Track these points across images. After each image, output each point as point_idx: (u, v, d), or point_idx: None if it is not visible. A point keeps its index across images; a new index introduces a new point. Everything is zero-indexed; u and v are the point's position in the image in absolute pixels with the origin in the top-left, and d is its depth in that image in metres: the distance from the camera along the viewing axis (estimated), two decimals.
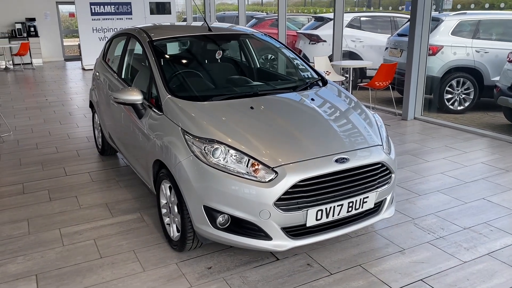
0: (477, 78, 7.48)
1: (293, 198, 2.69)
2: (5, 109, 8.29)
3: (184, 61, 4.17)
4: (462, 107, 7.61)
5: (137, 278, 2.90)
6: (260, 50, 4.64)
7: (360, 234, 3.42)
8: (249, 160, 2.75)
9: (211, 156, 2.78)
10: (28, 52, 14.79)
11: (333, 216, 2.83)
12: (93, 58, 13.43)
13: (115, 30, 14.12)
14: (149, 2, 14.51)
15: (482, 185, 4.32)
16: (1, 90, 10.35)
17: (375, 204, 3.05)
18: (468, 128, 6.25)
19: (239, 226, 2.77)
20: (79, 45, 14.58)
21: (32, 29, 15.65)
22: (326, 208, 2.77)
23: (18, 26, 15.51)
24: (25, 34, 15.52)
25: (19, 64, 14.85)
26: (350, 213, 2.90)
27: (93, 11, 13.83)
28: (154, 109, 3.39)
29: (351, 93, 7.34)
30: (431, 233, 3.41)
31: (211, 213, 2.78)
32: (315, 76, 4.02)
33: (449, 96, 7.56)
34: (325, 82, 3.91)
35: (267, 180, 2.67)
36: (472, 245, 3.24)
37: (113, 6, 14.07)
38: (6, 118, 7.48)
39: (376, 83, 7.05)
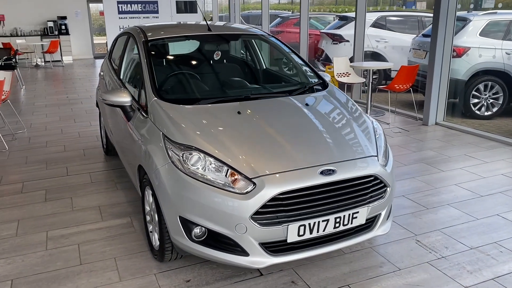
0: (506, 82, 7.02)
1: (272, 212, 2.50)
2: (26, 106, 8.44)
3: (177, 62, 4.04)
4: (489, 113, 7.17)
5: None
6: (262, 51, 4.46)
7: (355, 250, 3.19)
8: (228, 169, 2.58)
9: (189, 164, 2.63)
10: (58, 49, 15.12)
11: (317, 232, 2.62)
12: None
13: None
14: (176, 1, 14.53)
15: (499, 199, 3.99)
16: (28, 87, 10.58)
17: (367, 219, 2.82)
18: (493, 136, 5.85)
19: (215, 239, 2.61)
20: (106, 43, 14.78)
21: (63, 27, 16.01)
22: (309, 224, 2.57)
23: (50, 24, 15.89)
24: (56, 32, 15.89)
25: (49, 61, 15.20)
26: (337, 229, 2.68)
27: (120, 9, 13.95)
28: (142, 112, 3.27)
29: (370, 96, 7.05)
30: (433, 252, 3.15)
31: (187, 225, 2.62)
32: (316, 79, 3.80)
33: (476, 100, 7.13)
34: (326, 86, 3.68)
35: (244, 192, 2.49)
36: (476, 268, 2.95)
37: (140, 5, 14.15)
38: (25, 115, 7.60)
39: (396, 85, 6.72)
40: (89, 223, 3.65)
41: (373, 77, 9.32)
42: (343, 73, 7.73)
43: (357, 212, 2.71)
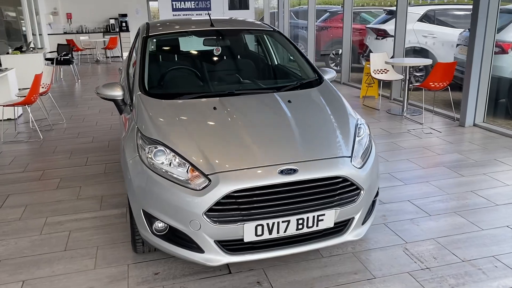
0: None
1: (227, 210, 2.46)
2: (75, 98, 8.97)
3: (173, 57, 4.07)
4: None
5: (84, 275, 2.89)
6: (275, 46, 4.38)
7: (335, 254, 3.06)
8: (189, 166, 2.58)
9: (154, 158, 2.65)
10: (117, 45, 15.89)
11: (278, 233, 2.54)
12: None
13: None
14: None
15: None
16: (83, 81, 11.23)
17: (338, 223, 2.69)
18: None
19: (174, 235, 2.62)
20: None
21: (123, 24, 16.80)
22: (267, 224, 2.50)
23: (112, 21, 16.73)
24: (117, 29, 16.71)
25: (109, 57, 16.02)
26: (301, 231, 2.58)
27: (174, 6, 14.37)
28: (130, 106, 3.35)
29: (407, 95, 6.72)
30: (418, 262, 2.93)
31: (150, 218, 2.65)
32: (313, 75, 3.67)
33: None
34: (320, 82, 3.55)
35: (199, 188, 2.48)
36: (460, 283, 2.71)
37: (193, 2, 14.48)
38: (70, 107, 8.08)
39: (431, 83, 6.33)
40: (87, 211, 3.81)
41: (419, 74, 8.86)
42: (381, 69, 7.42)
43: (323, 214, 2.59)
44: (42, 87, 6.74)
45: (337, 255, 3.05)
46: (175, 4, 14.33)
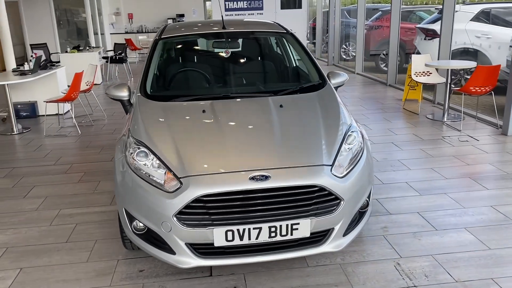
0: None
1: (196, 214, 2.48)
2: None
3: (178, 59, 4.14)
4: None
5: (75, 267, 3.04)
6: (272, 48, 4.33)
7: (322, 264, 2.97)
8: (166, 168, 2.62)
9: (136, 159, 2.73)
10: None
11: (249, 239, 2.51)
12: None
13: None
14: None
15: None
16: (135, 79, 11.73)
17: (315, 233, 2.61)
18: None
19: (151, 235, 2.67)
20: None
21: None
22: (238, 230, 2.48)
23: (170, 21, 17.30)
24: None
25: None
26: (274, 239, 2.54)
27: (227, 6, 14.59)
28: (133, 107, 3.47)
29: (448, 99, 6.36)
30: (407, 279, 2.78)
31: (131, 217, 2.73)
32: (317, 79, 3.59)
33: None
34: (322, 86, 3.46)
35: (171, 190, 2.51)
36: None
37: (246, 2, 14.61)
38: (115, 104, 8.46)
39: (472, 88, 5.93)
40: (98, 205, 3.99)
41: (466, 77, 8.34)
42: (422, 72, 7.07)
43: (298, 223, 2.53)
44: (86, 85, 7.13)
45: (324, 265, 2.96)
46: (228, 4, 14.54)
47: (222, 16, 4.29)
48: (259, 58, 4.21)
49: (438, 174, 4.43)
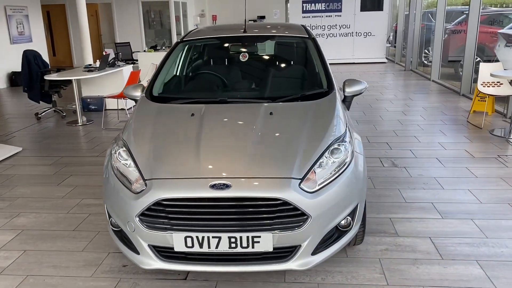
0: None
1: (157, 217, 2.50)
2: None
3: (189, 62, 4.16)
4: None
5: (70, 255, 3.23)
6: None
7: (300, 281, 2.83)
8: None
9: (117, 158, 2.82)
10: None
11: (209, 248, 2.48)
12: None
13: (323, 27, 14.48)
14: None
15: None
16: None
17: (281, 248, 2.50)
18: None
19: (122, 233, 2.75)
20: None
21: None
22: (197, 237, 2.46)
23: (251, 23, 17.61)
24: None
25: None
26: (235, 250, 2.48)
27: (304, 8, 14.49)
28: None
29: None
30: None
31: (108, 214, 2.84)
32: (325, 86, 3.42)
33: None
34: (326, 95, 3.29)
35: (137, 192, 2.56)
36: None
37: (324, 4, 14.39)
38: None
39: None
40: None
41: None
42: (490, 82, 6.42)
43: (259, 236, 2.44)
44: (147, 82, 7.52)
45: (301, 283, 2.82)
46: (306, 6, 14.44)
47: (245, 20, 4.27)
48: (271, 63, 4.12)
49: (473, 197, 3.99)
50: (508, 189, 4.16)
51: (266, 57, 4.25)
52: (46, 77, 6.98)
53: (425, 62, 13.08)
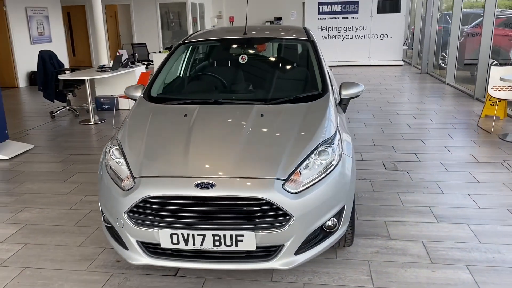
0: None
1: (144, 214, 2.57)
2: None
3: (188, 63, 4.23)
4: None
5: (67, 249, 3.33)
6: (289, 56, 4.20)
7: (287, 280, 2.87)
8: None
9: (110, 156, 2.91)
10: (264, 48, 16.70)
11: (194, 245, 2.54)
12: None
13: (339, 29, 14.43)
14: (378, 0, 14.11)
15: None
16: None
17: (264, 247, 2.54)
18: None
19: (113, 229, 2.83)
20: None
21: None
22: (182, 234, 2.52)
23: (267, 24, 17.66)
24: None
25: None
26: (219, 248, 2.53)
27: (320, 10, 14.47)
28: None
29: None
30: None
31: (101, 209, 2.93)
32: (319, 89, 3.44)
33: None
34: (320, 97, 3.32)
35: (126, 189, 2.64)
36: None
37: (340, 6, 14.34)
38: None
39: None
40: None
41: None
42: (502, 86, 6.32)
43: (242, 235, 2.49)
44: None
45: (287, 282, 2.86)
46: (322, 8, 14.42)
47: (246, 21, 4.32)
48: (268, 65, 4.15)
49: (472, 202, 3.95)
50: (509, 195, 4.10)
51: (264, 59, 4.29)
52: (60, 77, 7.17)
53: (442, 65, 12.91)
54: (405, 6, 14.25)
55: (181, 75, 4.02)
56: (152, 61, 11.46)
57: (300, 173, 2.63)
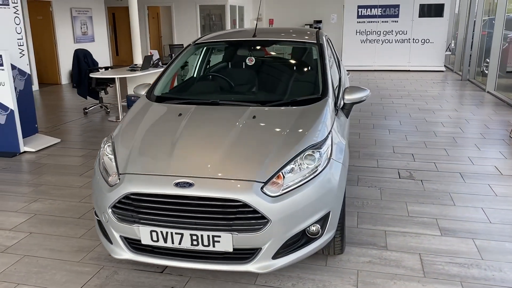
0: None
1: (126, 210, 2.63)
2: None
3: (203, 64, 4.26)
4: None
5: (67, 240, 3.46)
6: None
7: (270, 285, 2.85)
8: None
9: (103, 152, 3.00)
10: None
11: (172, 243, 2.57)
12: (352, 59, 13.91)
13: (378, 33, 14.13)
14: (420, 4, 13.69)
15: None
16: None
17: (241, 249, 2.54)
18: None
19: (101, 222, 2.90)
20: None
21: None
22: (161, 232, 2.56)
23: (306, 27, 17.56)
24: None
25: None
26: (197, 248, 2.55)
27: (359, 14, 14.22)
28: None
29: None
30: None
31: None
32: (318, 93, 3.39)
33: None
34: (317, 101, 3.27)
35: (112, 184, 2.71)
36: None
37: (380, 9, 14.03)
38: None
39: None
40: None
41: None
42: None
43: (219, 236, 2.49)
44: None
45: (271, 286, 2.84)
46: (361, 11, 14.19)
47: (256, 24, 4.31)
48: (272, 67, 4.12)
49: (483, 216, 3.76)
50: None
51: (269, 62, 4.27)
52: (91, 75, 7.46)
53: (486, 72, 12.34)
54: (449, 10, 13.73)
55: (187, 75, 4.08)
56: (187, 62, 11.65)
57: (284, 176, 2.61)
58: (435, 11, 13.66)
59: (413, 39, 14.00)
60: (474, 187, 4.39)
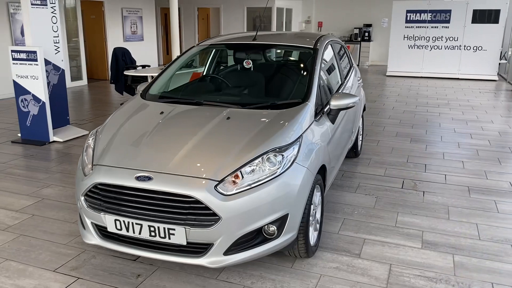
0: None
1: (95, 198, 2.83)
2: None
3: (193, 65, 4.37)
4: None
5: (62, 224, 3.73)
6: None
7: (230, 280, 2.94)
8: None
9: (88, 142, 3.23)
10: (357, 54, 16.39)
11: (133, 232, 2.74)
12: (398, 65, 13.57)
13: (427, 39, 13.67)
14: (473, 10, 13.08)
15: None
16: None
17: (196, 244, 2.66)
18: None
19: None
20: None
21: (366, 34, 17.13)
22: (124, 221, 2.73)
23: (356, 31, 17.31)
24: (359, 39, 17.19)
25: None
26: (155, 239, 2.70)
27: (407, 18, 13.83)
28: None
29: None
30: None
31: None
32: (301, 97, 3.43)
33: None
34: (296, 105, 3.31)
35: (86, 174, 2.92)
36: None
37: (430, 14, 13.56)
38: None
39: None
40: None
41: None
42: None
43: (174, 229, 2.63)
44: None
45: (229, 282, 2.93)
46: (410, 15, 13.81)
47: (257, 28, 4.39)
48: (263, 71, 4.14)
49: (474, 232, 3.61)
50: None
51: (263, 65, 4.32)
52: (125, 72, 7.86)
53: None
54: (506, 16, 13.01)
55: (177, 74, 4.25)
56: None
57: (242, 176, 2.69)
58: (490, 17, 13.00)
59: (465, 46, 13.40)
60: (477, 202, 4.21)
